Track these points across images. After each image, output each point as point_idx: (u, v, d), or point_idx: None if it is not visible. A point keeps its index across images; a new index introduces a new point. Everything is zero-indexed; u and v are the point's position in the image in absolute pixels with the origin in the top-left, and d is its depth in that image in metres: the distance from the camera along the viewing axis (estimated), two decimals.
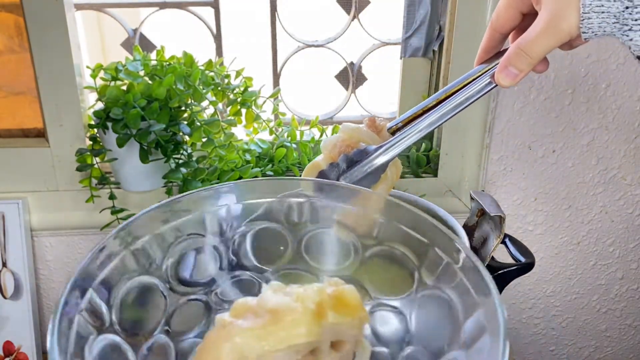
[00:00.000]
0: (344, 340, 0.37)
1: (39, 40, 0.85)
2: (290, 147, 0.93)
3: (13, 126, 0.95)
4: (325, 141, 0.57)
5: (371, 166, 0.54)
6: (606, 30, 0.45)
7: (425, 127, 0.54)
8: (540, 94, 0.92)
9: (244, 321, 0.34)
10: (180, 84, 0.84)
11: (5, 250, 0.93)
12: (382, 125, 0.58)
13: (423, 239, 0.45)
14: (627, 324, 1.14)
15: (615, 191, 1.01)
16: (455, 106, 0.54)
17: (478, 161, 0.98)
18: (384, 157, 0.54)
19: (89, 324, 0.38)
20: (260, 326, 0.33)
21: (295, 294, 0.35)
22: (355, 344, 0.38)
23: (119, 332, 0.41)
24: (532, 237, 1.04)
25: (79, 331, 0.36)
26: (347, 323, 0.36)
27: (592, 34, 0.45)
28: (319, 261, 0.50)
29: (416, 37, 0.93)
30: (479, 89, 0.54)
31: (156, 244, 0.45)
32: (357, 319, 0.36)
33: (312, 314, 0.34)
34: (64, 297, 0.36)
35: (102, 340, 0.39)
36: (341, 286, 0.37)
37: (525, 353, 1.17)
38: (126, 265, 0.43)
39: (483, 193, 0.74)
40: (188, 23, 0.97)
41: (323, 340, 0.35)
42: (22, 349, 0.96)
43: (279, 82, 1.01)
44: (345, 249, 0.49)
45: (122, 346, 0.41)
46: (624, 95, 0.93)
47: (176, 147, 0.86)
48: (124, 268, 0.42)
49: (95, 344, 0.38)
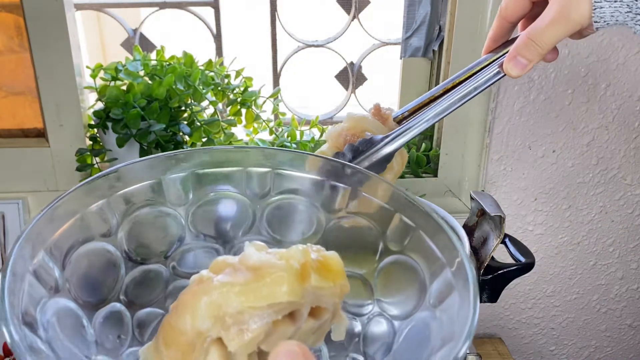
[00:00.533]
0: (324, 307, 0.36)
1: (39, 40, 0.85)
2: (290, 147, 0.93)
3: (13, 126, 0.95)
4: (330, 130, 0.57)
5: (377, 156, 0.53)
6: (619, 19, 0.44)
7: (432, 117, 0.54)
8: (540, 94, 0.92)
9: (224, 276, 0.33)
10: (180, 84, 0.84)
11: (5, 250, 0.93)
12: (388, 114, 0.58)
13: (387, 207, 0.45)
14: (627, 324, 1.14)
15: (615, 191, 1.01)
16: (462, 96, 0.54)
17: (478, 161, 0.98)
18: (390, 146, 0.53)
19: (41, 286, 0.36)
20: (242, 282, 0.32)
21: (279, 254, 0.34)
22: (333, 315, 0.37)
23: (72, 297, 0.39)
24: (532, 237, 1.04)
25: (30, 292, 0.35)
26: (329, 288, 0.35)
27: (604, 23, 0.45)
28: (281, 233, 0.49)
29: (416, 37, 0.93)
30: (487, 78, 0.53)
31: (112, 209, 0.43)
32: (339, 286, 0.35)
33: (296, 274, 0.33)
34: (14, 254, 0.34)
35: (55, 304, 0.37)
36: (323, 252, 0.36)
37: (526, 353, 1.17)
38: (80, 229, 0.41)
39: (483, 193, 0.74)
40: (188, 23, 0.97)
41: (304, 303, 0.34)
42: None
43: (279, 82, 1.01)
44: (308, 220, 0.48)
45: (76, 312, 0.39)
46: (624, 95, 0.93)
47: (176, 147, 0.86)
48: (77, 232, 0.41)
49: (47, 306, 0.36)
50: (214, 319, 0.32)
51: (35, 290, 0.35)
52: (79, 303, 0.39)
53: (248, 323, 0.32)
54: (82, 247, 0.41)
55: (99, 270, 0.43)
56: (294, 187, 0.48)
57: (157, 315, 0.46)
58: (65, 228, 0.40)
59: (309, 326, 0.36)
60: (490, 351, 1.04)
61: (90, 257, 0.42)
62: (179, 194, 0.46)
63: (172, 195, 0.46)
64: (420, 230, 0.42)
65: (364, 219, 0.47)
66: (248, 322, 0.32)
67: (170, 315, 0.34)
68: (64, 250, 0.39)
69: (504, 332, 1.13)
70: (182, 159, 0.46)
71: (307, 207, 0.48)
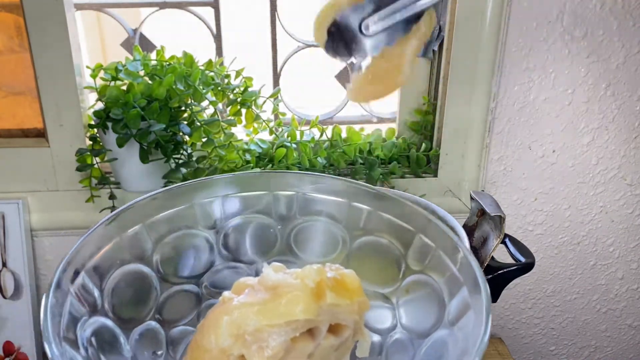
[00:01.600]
0: (343, 324, 0.37)
1: (39, 40, 0.85)
2: (290, 147, 0.93)
3: (13, 126, 0.95)
4: None
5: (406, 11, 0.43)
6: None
7: None
8: (540, 93, 0.92)
9: (244, 296, 0.35)
10: (180, 84, 0.84)
11: (5, 250, 0.93)
12: None
13: (409, 227, 0.45)
14: (627, 324, 1.14)
15: (615, 191, 1.01)
16: None
17: (478, 161, 0.98)
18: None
19: (82, 306, 0.39)
20: (259, 301, 0.34)
21: (295, 273, 0.36)
22: (356, 332, 0.38)
23: (110, 316, 0.41)
24: (532, 237, 1.04)
25: (71, 312, 0.37)
26: (346, 306, 0.36)
27: None
28: (307, 252, 0.51)
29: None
30: None
31: (148, 233, 0.46)
32: (356, 304, 0.36)
33: (311, 292, 0.34)
34: (57, 277, 0.37)
35: (94, 322, 0.39)
36: (341, 270, 0.37)
37: (526, 353, 1.17)
38: (118, 252, 0.44)
39: (483, 193, 0.74)
40: (188, 23, 0.97)
41: (321, 320, 0.35)
42: (22, 349, 0.96)
43: (279, 82, 1.01)
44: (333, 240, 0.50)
45: (114, 330, 0.42)
46: (624, 95, 0.93)
47: (176, 147, 0.86)
48: (116, 255, 0.43)
49: (87, 325, 0.38)
50: (235, 337, 0.34)
51: (75, 310, 0.38)
52: (116, 321, 0.42)
53: (267, 340, 0.34)
54: (120, 269, 0.44)
55: (136, 290, 0.46)
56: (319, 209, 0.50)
57: (190, 332, 0.48)
58: (105, 251, 0.42)
59: (329, 343, 0.37)
60: (491, 351, 1.04)
61: (127, 279, 0.45)
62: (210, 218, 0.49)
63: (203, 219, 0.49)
64: (440, 250, 0.43)
65: (386, 239, 0.47)
66: (267, 340, 0.34)
67: (197, 334, 0.36)
68: (103, 272, 0.42)
69: (503, 332, 1.13)
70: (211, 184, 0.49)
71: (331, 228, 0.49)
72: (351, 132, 0.97)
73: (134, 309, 0.45)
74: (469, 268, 0.39)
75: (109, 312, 0.42)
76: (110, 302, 0.42)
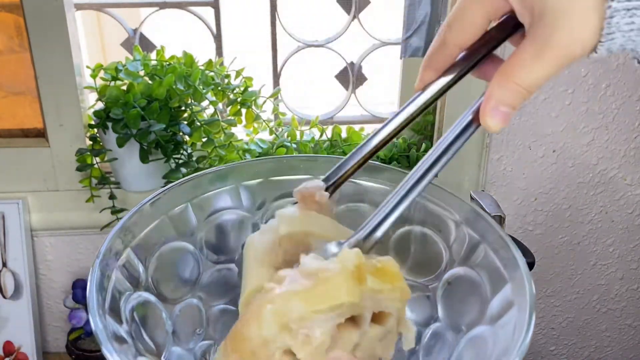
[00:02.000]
0: (387, 312, 0.36)
1: (39, 40, 0.85)
2: (290, 147, 0.93)
3: (13, 126, 0.95)
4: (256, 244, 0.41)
5: None
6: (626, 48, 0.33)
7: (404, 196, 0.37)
8: (540, 94, 0.92)
9: (285, 285, 0.35)
10: (180, 84, 0.84)
11: (5, 250, 0.93)
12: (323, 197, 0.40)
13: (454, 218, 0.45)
14: (627, 324, 1.14)
15: (615, 191, 1.01)
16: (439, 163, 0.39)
17: (478, 161, 0.98)
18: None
19: (126, 281, 0.40)
20: (302, 289, 0.34)
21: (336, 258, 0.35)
22: (399, 323, 0.38)
23: (153, 291, 0.43)
24: (532, 237, 1.04)
25: (116, 286, 0.38)
26: (387, 291, 0.35)
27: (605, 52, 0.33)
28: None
29: (416, 37, 0.93)
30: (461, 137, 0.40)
31: (193, 212, 0.47)
32: (398, 290, 0.36)
33: (352, 275, 0.34)
34: (102, 251, 0.38)
35: (137, 297, 0.41)
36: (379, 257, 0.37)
37: (525, 353, 1.17)
38: (163, 229, 0.45)
39: (483, 193, 0.74)
40: (188, 23, 0.97)
41: (364, 305, 0.35)
42: (22, 349, 0.96)
43: (279, 82, 1.01)
44: None
45: (156, 305, 0.43)
46: (624, 95, 0.93)
47: (176, 147, 0.86)
48: (161, 232, 0.44)
49: (130, 300, 0.40)
50: (280, 326, 0.34)
51: (120, 284, 0.39)
52: (159, 297, 0.43)
53: (313, 328, 0.34)
54: (165, 246, 0.45)
55: (179, 267, 0.47)
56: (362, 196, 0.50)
57: (230, 312, 0.49)
58: (151, 228, 0.43)
59: (374, 332, 0.37)
60: None
61: (171, 255, 0.46)
62: (253, 200, 0.49)
63: (246, 201, 0.49)
64: (485, 243, 0.43)
65: (429, 230, 0.47)
66: (313, 328, 0.34)
67: (239, 322, 0.36)
68: (148, 248, 0.43)
69: None
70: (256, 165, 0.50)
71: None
72: (351, 132, 0.97)
73: (176, 285, 0.46)
74: (515, 265, 0.39)
75: (152, 287, 0.43)
76: (153, 278, 0.43)
